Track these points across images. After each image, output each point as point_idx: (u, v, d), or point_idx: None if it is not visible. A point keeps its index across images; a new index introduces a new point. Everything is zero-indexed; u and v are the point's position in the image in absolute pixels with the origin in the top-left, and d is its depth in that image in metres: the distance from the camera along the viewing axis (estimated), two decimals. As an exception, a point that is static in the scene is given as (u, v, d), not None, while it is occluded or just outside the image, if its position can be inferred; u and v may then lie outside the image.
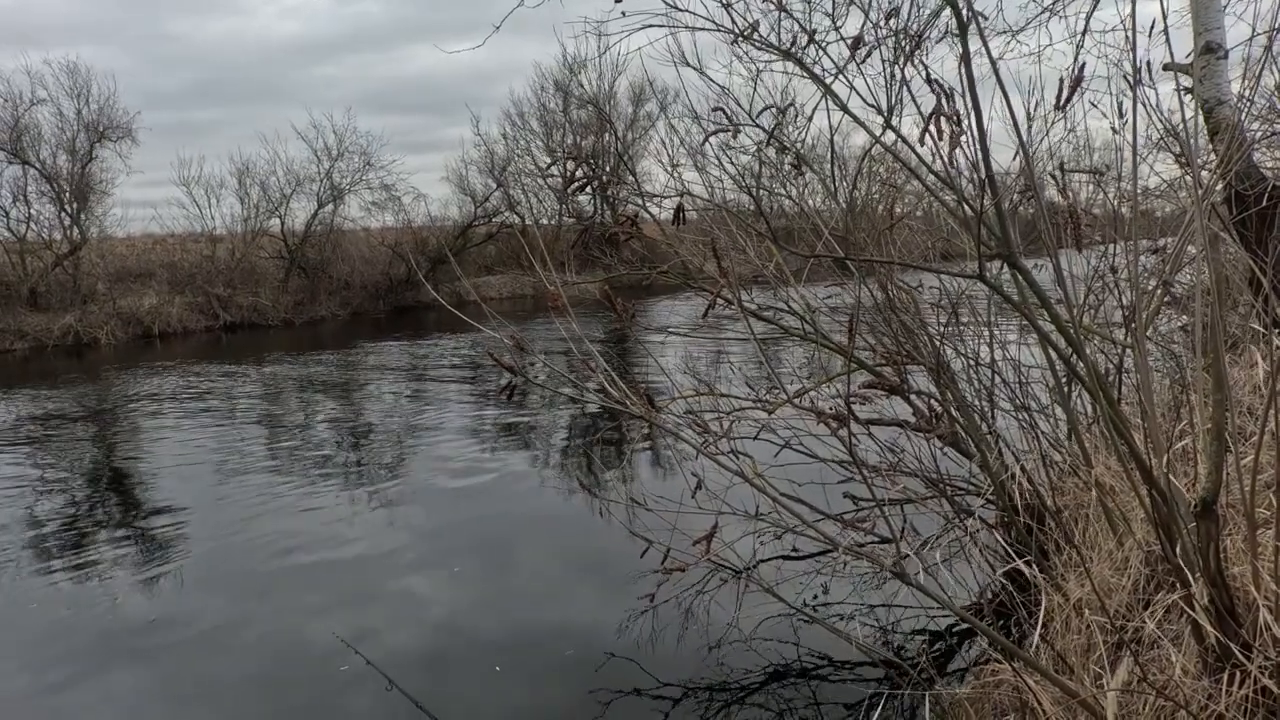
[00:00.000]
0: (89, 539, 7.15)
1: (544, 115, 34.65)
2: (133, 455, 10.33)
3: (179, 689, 4.70)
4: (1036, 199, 3.33)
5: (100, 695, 4.69)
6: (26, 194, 23.15)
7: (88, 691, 4.71)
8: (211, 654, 5.02)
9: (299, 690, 4.63)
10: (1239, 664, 2.46)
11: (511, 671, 4.65)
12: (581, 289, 6.16)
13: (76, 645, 5.21)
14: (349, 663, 4.73)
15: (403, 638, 5.11)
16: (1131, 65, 2.83)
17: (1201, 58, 5.80)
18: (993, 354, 5.10)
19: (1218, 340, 2.48)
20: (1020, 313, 3.21)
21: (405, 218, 29.55)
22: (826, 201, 5.55)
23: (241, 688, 4.66)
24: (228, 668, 4.85)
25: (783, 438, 5.10)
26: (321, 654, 4.89)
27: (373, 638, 5.06)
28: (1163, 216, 5.93)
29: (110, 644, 5.22)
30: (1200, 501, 2.50)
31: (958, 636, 4.78)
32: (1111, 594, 3.28)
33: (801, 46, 3.58)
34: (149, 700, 4.64)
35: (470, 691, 4.48)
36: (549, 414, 11.56)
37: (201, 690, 4.65)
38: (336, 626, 5.16)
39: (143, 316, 22.97)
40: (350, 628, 5.17)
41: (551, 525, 7.20)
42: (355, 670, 4.65)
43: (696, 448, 3.51)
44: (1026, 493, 4.51)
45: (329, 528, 7.11)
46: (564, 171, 34.19)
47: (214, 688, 4.66)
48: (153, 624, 5.44)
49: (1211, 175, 4.08)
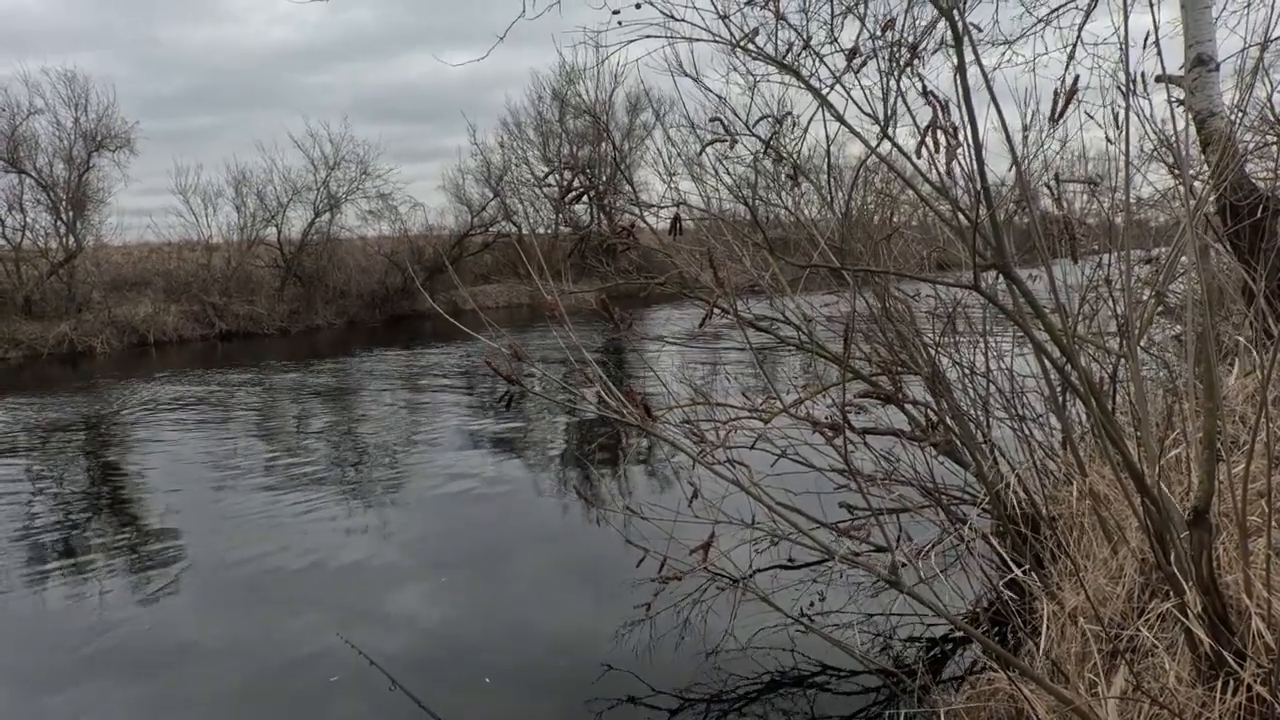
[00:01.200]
0: (81, 548, 7.13)
1: (541, 125, 34.78)
2: (126, 465, 10.30)
3: (167, 697, 4.67)
4: (1031, 209, 3.35)
5: (89, 705, 4.66)
6: (23, 202, 23.17)
7: (76, 702, 4.69)
8: (199, 663, 5.00)
9: (284, 700, 4.61)
10: (1232, 672, 2.47)
11: (506, 682, 4.64)
12: (578, 298, 6.18)
13: (67, 654, 5.19)
14: (339, 672, 4.71)
15: (396, 647, 5.09)
16: (1125, 76, 2.86)
17: (1193, 70, 5.85)
18: (988, 363, 5.13)
19: (1210, 350, 2.50)
20: (1015, 322, 3.23)
21: (402, 227, 29.65)
22: (822, 211, 5.58)
23: (229, 697, 4.63)
24: (216, 677, 4.83)
25: (779, 447, 5.11)
26: (312, 663, 4.87)
27: (366, 647, 5.05)
28: (1156, 227, 5.97)
29: (101, 652, 5.20)
30: (1193, 510, 2.52)
31: (953, 645, 4.79)
32: (1106, 602, 3.30)
33: (797, 56, 3.61)
34: (137, 709, 4.62)
35: (464, 702, 4.47)
36: (545, 423, 11.55)
37: (186, 700, 4.62)
38: (329, 635, 5.15)
39: (138, 325, 22.96)
40: (343, 637, 5.16)
41: (548, 534, 7.19)
42: (345, 680, 4.63)
43: (693, 457, 3.53)
44: (1021, 501, 4.53)
45: (323, 537, 7.10)
46: (560, 181, 34.24)
47: (199, 697, 4.63)
48: (146, 632, 5.42)
49: (1204, 186, 4.11)
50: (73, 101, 23.44)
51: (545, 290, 3.70)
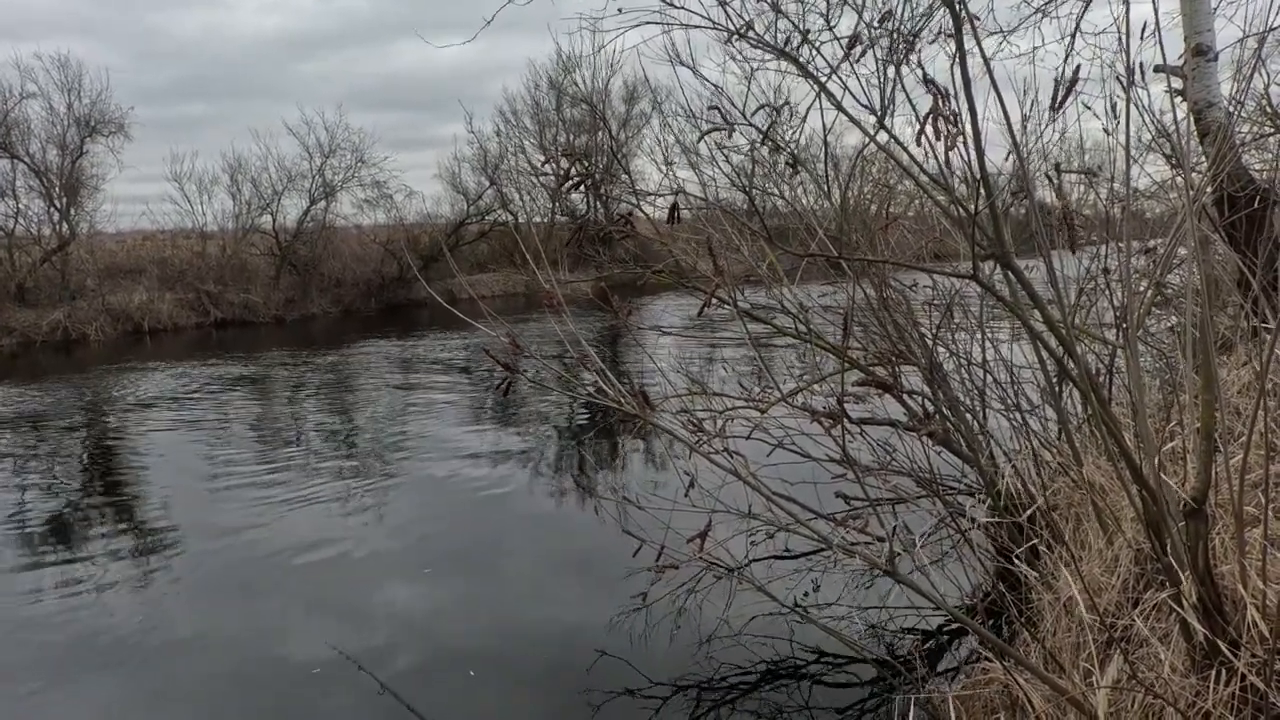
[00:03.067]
0: (72, 539, 7.12)
1: (538, 113, 34.62)
2: (119, 454, 10.28)
3: (155, 690, 4.67)
4: (1029, 199, 3.34)
5: (78, 698, 4.65)
6: (15, 188, 23.01)
7: (65, 694, 4.67)
8: (185, 656, 4.97)
9: (272, 693, 4.60)
10: (1226, 661, 2.48)
11: (501, 671, 4.65)
12: (574, 287, 6.16)
13: (55, 647, 5.18)
14: (320, 664, 4.69)
15: (389, 638, 5.09)
16: (1124, 67, 2.85)
17: (1192, 60, 5.83)
18: (985, 354, 5.13)
19: (1207, 341, 2.50)
20: (1013, 313, 3.23)
21: (397, 215, 29.53)
22: (820, 201, 5.56)
23: (218, 689, 4.62)
24: (203, 670, 4.80)
25: (776, 437, 5.11)
26: (301, 657, 4.87)
27: (358, 639, 5.05)
28: (1153, 217, 5.97)
29: (89, 645, 5.19)
30: (1189, 501, 2.52)
31: (949, 635, 4.80)
32: (1101, 592, 3.31)
33: (795, 46, 3.59)
34: (125, 702, 4.61)
35: (458, 692, 4.48)
36: (542, 412, 11.55)
37: (171, 693, 4.61)
38: (321, 628, 5.15)
39: (132, 313, 22.86)
40: (336, 630, 5.16)
41: (544, 523, 7.19)
42: (327, 672, 4.61)
43: (690, 446, 3.52)
44: (1018, 492, 4.54)
45: (318, 526, 7.09)
46: (557, 169, 34.11)
47: (183, 690, 4.62)
48: (133, 624, 5.40)
49: (1202, 177, 4.11)
50: (66, 86, 23.29)
51: (543, 279, 3.69)
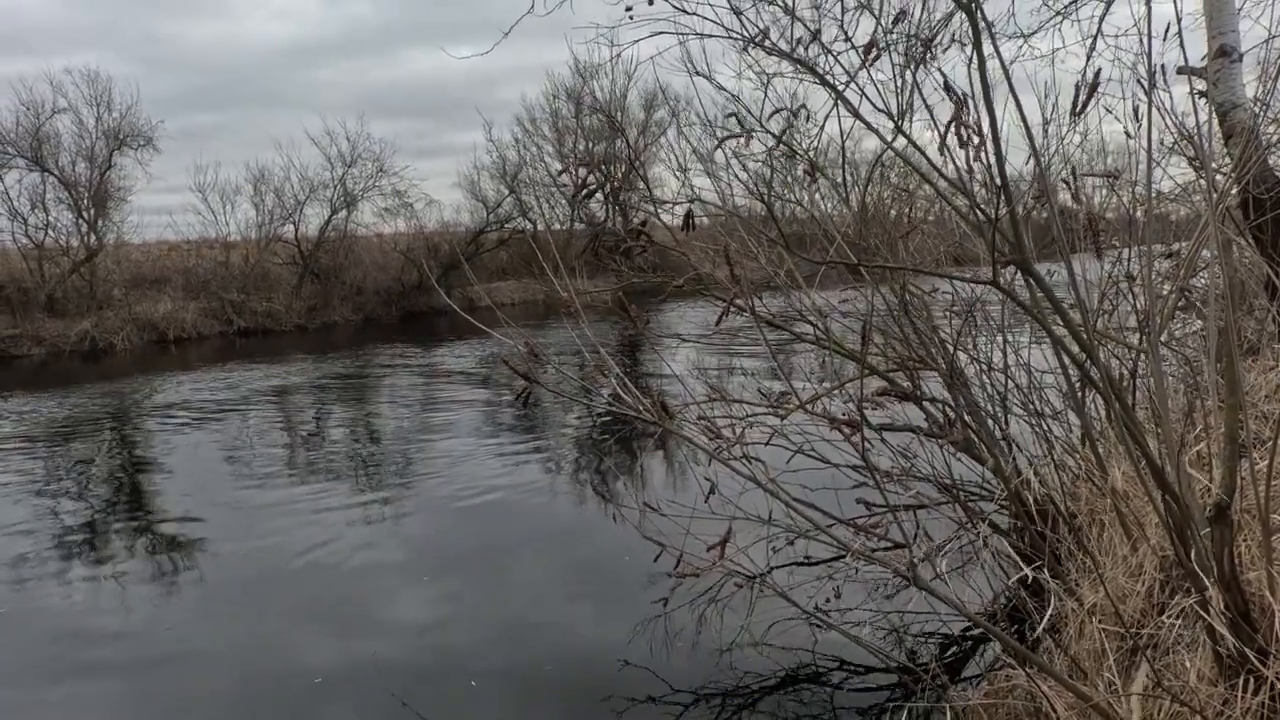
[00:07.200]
0: (91, 545, 7.21)
1: (556, 121, 34.78)
2: (144, 460, 10.40)
3: (155, 692, 4.72)
4: (1050, 204, 3.32)
5: (85, 703, 4.70)
6: (45, 201, 23.42)
7: (73, 698, 4.73)
8: (191, 662, 5.01)
9: (282, 702, 4.62)
10: (1254, 670, 2.45)
11: (522, 679, 4.66)
12: (593, 295, 6.18)
13: (65, 650, 5.25)
14: (323, 674, 4.72)
15: (411, 644, 5.12)
16: (1146, 69, 2.83)
17: (1215, 61, 5.77)
18: (1005, 359, 5.09)
19: (1232, 345, 2.47)
20: (1034, 318, 3.21)
21: (417, 223, 29.76)
22: (838, 206, 5.55)
23: (214, 697, 4.64)
24: (208, 677, 4.84)
25: (795, 443, 5.09)
26: (312, 665, 4.91)
27: (379, 643, 5.08)
28: (1177, 221, 5.91)
29: (96, 648, 5.26)
30: (1215, 506, 2.49)
31: (971, 642, 4.77)
32: (1126, 599, 3.27)
33: (814, 54, 3.59)
34: (126, 703, 4.67)
35: (480, 699, 4.49)
36: (561, 420, 11.58)
37: (172, 697, 4.66)
38: (333, 636, 5.19)
39: (158, 322, 23.19)
40: (355, 636, 5.20)
41: (564, 530, 7.21)
42: (327, 682, 4.65)
43: (709, 453, 3.52)
44: (1040, 498, 4.50)
45: (337, 535, 7.14)
46: (575, 178, 34.25)
47: (184, 696, 4.66)
48: (144, 629, 5.46)
49: (1226, 179, 4.07)
50: (95, 100, 23.71)
51: (561, 287, 3.71)
